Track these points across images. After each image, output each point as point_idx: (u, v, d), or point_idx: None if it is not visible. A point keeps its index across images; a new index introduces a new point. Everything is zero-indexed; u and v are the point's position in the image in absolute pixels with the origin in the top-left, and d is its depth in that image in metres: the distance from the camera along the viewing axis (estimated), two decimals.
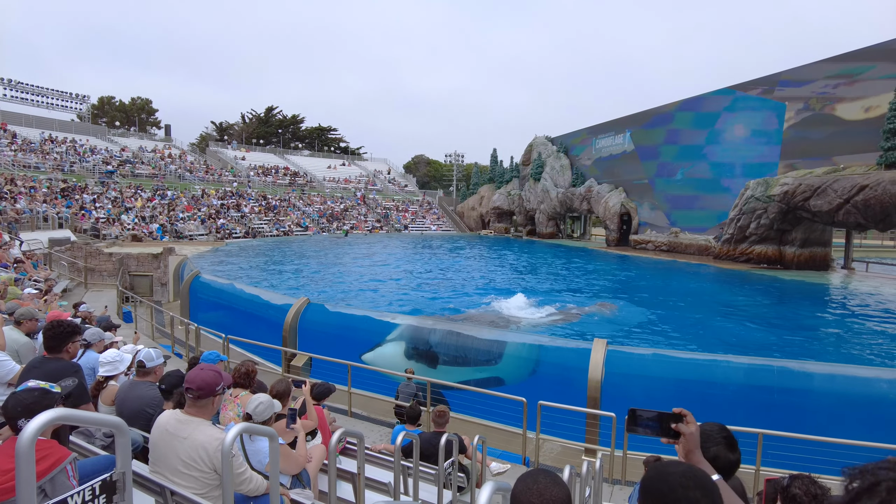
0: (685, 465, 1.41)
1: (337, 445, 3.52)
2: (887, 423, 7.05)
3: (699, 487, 1.33)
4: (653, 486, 1.39)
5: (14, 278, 11.95)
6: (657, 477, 1.40)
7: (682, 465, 1.41)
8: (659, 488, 1.37)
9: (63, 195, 35.22)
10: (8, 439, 2.62)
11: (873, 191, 23.40)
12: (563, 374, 8.97)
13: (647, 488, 1.41)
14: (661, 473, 1.39)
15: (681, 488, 1.33)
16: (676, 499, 1.32)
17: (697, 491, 1.33)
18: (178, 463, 2.92)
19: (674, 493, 1.33)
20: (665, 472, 1.39)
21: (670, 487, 1.34)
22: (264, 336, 11.29)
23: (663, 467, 1.42)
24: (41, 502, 2.35)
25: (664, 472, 1.39)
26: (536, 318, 15.95)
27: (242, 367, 4.97)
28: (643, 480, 1.45)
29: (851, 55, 27.24)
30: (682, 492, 1.33)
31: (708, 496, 1.33)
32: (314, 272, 25.63)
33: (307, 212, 53.80)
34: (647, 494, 1.40)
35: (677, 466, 1.41)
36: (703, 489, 1.34)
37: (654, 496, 1.37)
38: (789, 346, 13.46)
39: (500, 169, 66.23)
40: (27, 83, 53.44)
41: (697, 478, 1.36)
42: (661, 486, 1.36)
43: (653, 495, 1.38)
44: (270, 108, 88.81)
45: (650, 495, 1.39)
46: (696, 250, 34.88)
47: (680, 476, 1.36)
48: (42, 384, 2.91)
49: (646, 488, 1.41)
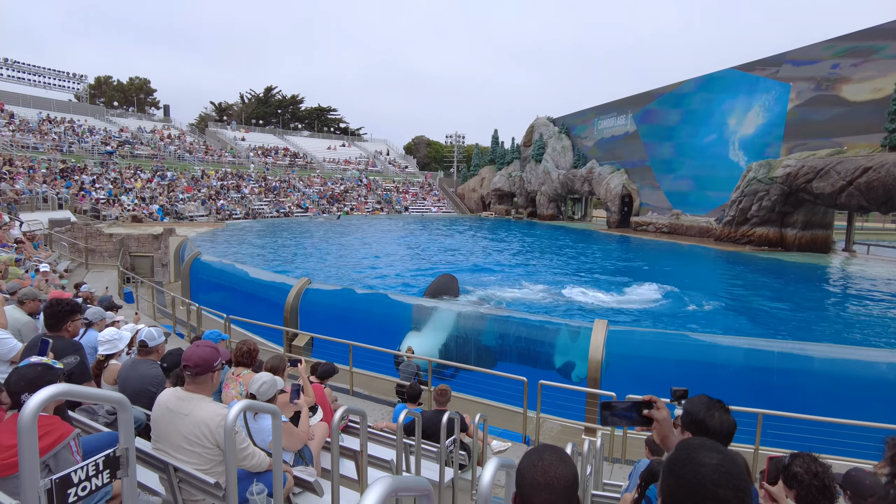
0: (719, 456, 1.24)
1: (339, 423, 3.53)
2: (886, 404, 7.09)
3: (731, 487, 1.18)
4: (680, 472, 1.25)
5: (15, 259, 11.94)
6: (687, 462, 1.25)
7: (716, 455, 1.25)
8: (686, 477, 1.23)
9: (62, 176, 35.07)
10: (11, 415, 2.62)
11: (877, 173, 23.26)
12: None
13: (674, 472, 1.26)
14: (693, 461, 1.24)
15: (711, 484, 1.19)
16: (704, 496, 1.19)
17: (729, 491, 1.17)
18: (181, 439, 2.93)
19: (703, 487, 1.19)
20: (697, 459, 1.24)
21: (700, 481, 1.20)
22: (266, 316, 11.32)
23: (696, 453, 1.26)
24: (45, 478, 2.35)
25: (696, 460, 1.24)
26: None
27: (244, 346, 4.97)
28: (671, 461, 1.30)
29: (859, 34, 26.82)
30: (713, 489, 1.18)
31: (739, 496, 1.18)
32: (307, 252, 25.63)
33: (307, 193, 53.63)
34: (673, 478, 1.26)
35: (711, 455, 1.24)
36: (734, 489, 1.18)
37: (680, 484, 1.24)
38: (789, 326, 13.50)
39: (502, 150, 65.83)
40: (24, 62, 52.89)
41: (731, 474, 1.20)
42: (690, 476, 1.22)
43: (679, 482, 1.24)
44: (269, 87, 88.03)
45: (676, 480, 1.25)
46: (697, 232, 34.81)
47: (712, 470, 1.20)
48: (45, 360, 2.91)
49: (672, 471, 1.27)
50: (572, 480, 1.48)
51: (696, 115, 37.27)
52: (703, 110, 36.59)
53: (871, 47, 26.16)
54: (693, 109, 37.54)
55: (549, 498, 1.44)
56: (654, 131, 41.32)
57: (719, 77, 35.46)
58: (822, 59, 28.46)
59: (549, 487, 1.45)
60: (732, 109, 34.32)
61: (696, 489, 1.20)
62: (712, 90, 35.90)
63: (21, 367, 2.82)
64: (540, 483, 1.45)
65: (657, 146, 40.85)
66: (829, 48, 28.13)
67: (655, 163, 40.94)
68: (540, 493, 1.45)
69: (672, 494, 1.26)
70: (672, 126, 39.41)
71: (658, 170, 40.66)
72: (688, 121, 37.98)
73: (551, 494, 1.44)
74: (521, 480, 1.49)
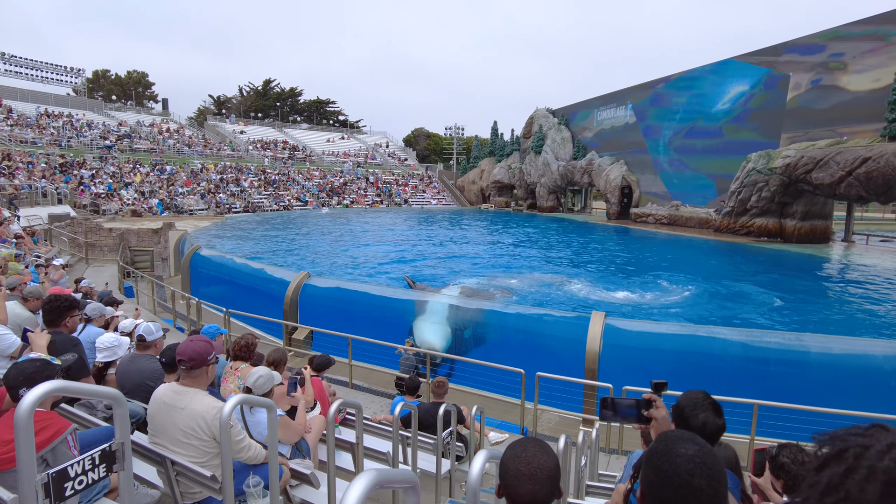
0: (695, 448, 1.32)
1: (336, 416, 3.57)
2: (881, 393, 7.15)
3: (705, 476, 1.26)
4: (658, 463, 1.33)
5: (14, 254, 11.97)
6: (665, 454, 1.33)
7: (692, 447, 1.32)
8: (663, 467, 1.30)
9: (61, 170, 35.04)
10: (8, 411, 2.66)
11: (876, 163, 23.20)
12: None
13: (652, 462, 1.35)
14: (670, 453, 1.32)
15: (686, 474, 1.26)
16: (679, 485, 1.26)
17: (703, 480, 1.26)
18: (178, 433, 2.97)
19: (678, 477, 1.27)
20: (674, 451, 1.32)
21: (675, 471, 1.28)
22: (265, 310, 11.37)
23: (673, 444, 1.34)
24: (42, 472, 2.40)
25: (673, 451, 1.32)
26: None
27: (242, 340, 5.01)
28: (650, 452, 1.38)
29: (860, 22, 26.64)
30: (687, 478, 1.26)
31: (713, 485, 1.26)
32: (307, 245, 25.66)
33: (307, 186, 53.58)
34: (651, 468, 1.34)
35: (688, 447, 1.32)
36: (709, 478, 1.26)
37: (657, 473, 1.32)
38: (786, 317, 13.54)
39: (501, 142, 65.59)
40: (21, 56, 52.68)
41: (706, 464, 1.28)
42: (667, 466, 1.30)
43: (656, 472, 1.32)
44: (268, 80, 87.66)
45: (653, 470, 1.33)
46: (697, 223, 34.79)
47: (688, 461, 1.28)
48: (43, 356, 2.96)
49: (651, 462, 1.35)
50: (555, 471, 1.54)
51: (694, 105, 37.11)
52: (702, 101, 36.45)
53: (876, 32, 25.90)
54: (692, 100, 37.38)
55: (532, 488, 1.50)
56: (653, 122, 41.17)
57: (719, 67, 35.29)
58: (823, 49, 28.31)
59: (532, 477, 1.51)
60: (731, 100, 34.18)
61: (671, 478, 1.28)
62: (712, 80, 35.72)
63: (20, 362, 2.86)
64: (524, 473, 1.51)
65: (656, 137, 40.73)
66: (830, 36, 27.97)
67: (655, 154, 40.84)
68: (524, 483, 1.50)
69: (650, 483, 1.34)
70: (671, 116, 39.26)
71: (657, 161, 40.56)
72: (687, 111, 37.82)
73: (535, 484, 1.50)
74: (506, 472, 1.54)
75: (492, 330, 10.33)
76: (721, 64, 35.16)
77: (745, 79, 33.18)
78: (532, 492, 1.50)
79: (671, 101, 39.35)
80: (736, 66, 33.93)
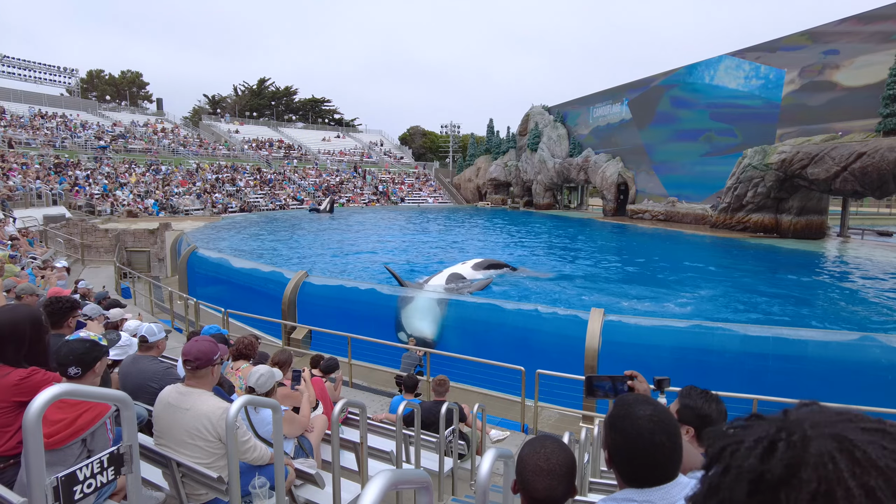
0: (651, 408, 1.44)
1: (339, 416, 3.57)
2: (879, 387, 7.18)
3: (664, 433, 1.39)
4: (621, 426, 1.43)
5: (10, 255, 11.93)
6: (626, 416, 1.44)
7: (648, 407, 1.44)
8: (626, 429, 1.41)
9: (56, 171, 34.87)
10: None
11: (871, 158, 23.31)
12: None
13: (615, 426, 1.45)
14: (630, 415, 1.43)
15: (648, 433, 1.38)
16: (644, 444, 1.38)
17: (663, 435, 1.38)
18: (183, 434, 2.96)
19: (641, 437, 1.38)
20: (633, 413, 1.43)
21: (638, 431, 1.39)
22: (263, 310, 11.35)
23: (630, 407, 1.45)
24: (80, 452, 2.44)
25: (632, 414, 1.43)
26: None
27: (244, 340, 5.01)
28: (610, 417, 1.49)
29: (854, 18, 26.75)
30: (649, 436, 1.38)
31: (672, 439, 1.40)
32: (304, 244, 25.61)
33: (303, 185, 53.46)
34: (614, 431, 1.45)
35: (644, 408, 1.44)
36: (668, 434, 1.39)
37: (622, 435, 1.42)
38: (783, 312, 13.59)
39: (497, 139, 65.56)
40: (14, 57, 52.36)
41: (664, 422, 1.41)
42: (629, 427, 1.41)
43: (620, 434, 1.43)
44: (263, 79, 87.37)
45: (617, 433, 1.44)
46: (693, 219, 34.88)
47: (648, 420, 1.40)
48: (93, 336, 2.98)
49: (613, 426, 1.46)
50: (572, 468, 1.59)
51: (690, 101, 37.17)
52: (697, 97, 36.50)
53: (870, 28, 25.98)
54: (687, 96, 37.44)
55: (550, 483, 1.54)
56: (648, 118, 41.21)
57: (714, 63, 35.35)
58: (817, 45, 28.39)
59: (551, 473, 1.55)
60: (727, 96, 34.23)
61: (635, 439, 1.40)
62: (707, 76, 35.80)
63: (71, 340, 2.91)
64: (543, 469, 1.56)
65: (652, 133, 40.79)
66: (824, 32, 28.05)
67: (650, 150, 40.91)
68: (542, 478, 1.55)
69: (616, 445, 1.45)
70: (666, 113, 39.33)
71: (653, 157, 40.62)
72: (682, 107, 37.88)
73: (553, 480, 1.55)
74: (524, 467, 1.58)
75: (488, 326, 10.33)
76: (716, 60, 35.20)
77: (741, 75, 33.25)
78: (549, 487, 1.54)
79: (666, 96, 39.39)
80: (731, 63, 33.99)
